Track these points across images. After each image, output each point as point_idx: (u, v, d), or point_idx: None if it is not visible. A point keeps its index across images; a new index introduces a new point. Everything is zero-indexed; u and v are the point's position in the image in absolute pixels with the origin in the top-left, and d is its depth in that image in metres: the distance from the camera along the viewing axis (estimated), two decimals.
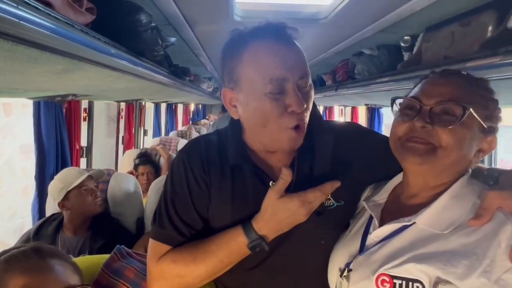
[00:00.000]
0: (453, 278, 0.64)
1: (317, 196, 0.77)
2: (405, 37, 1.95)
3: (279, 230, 0.79)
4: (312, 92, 0.82)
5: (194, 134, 4.75)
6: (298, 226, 0.80)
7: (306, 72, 0.78)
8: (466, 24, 1.42)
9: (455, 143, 0.70)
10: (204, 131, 5.52)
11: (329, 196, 0.82)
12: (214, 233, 0.82)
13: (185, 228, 0.84)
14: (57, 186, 1.71)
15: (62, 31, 0.81)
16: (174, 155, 3.19)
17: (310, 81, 0.80)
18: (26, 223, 4.27)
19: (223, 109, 7.60)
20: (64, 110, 2.04)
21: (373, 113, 3.37)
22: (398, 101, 0.79)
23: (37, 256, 0.81)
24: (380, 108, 3.26)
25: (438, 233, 0.69)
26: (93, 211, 1.74)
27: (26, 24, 0.67)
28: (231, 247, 0.79)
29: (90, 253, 1.66)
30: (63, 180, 1.72)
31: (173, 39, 1.55)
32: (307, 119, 0.80)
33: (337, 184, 0.79)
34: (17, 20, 0.63)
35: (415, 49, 1.87)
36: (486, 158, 2.07)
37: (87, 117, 2.58)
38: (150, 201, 1.95)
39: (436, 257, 0.66)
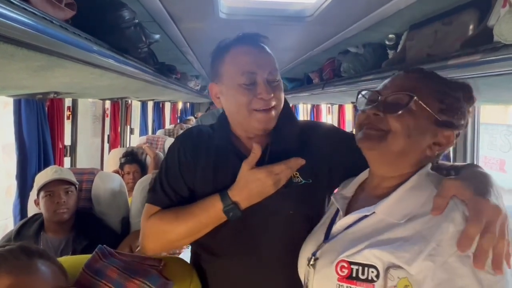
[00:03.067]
0: (402, 262, 0.67)
1: (282, 169, 0.92)
2: (390, 36, 1.97)
3: (250, 198, 0.92)
4: (281, 86, 0.99)
5: None
6: (270, 197, 0.93)
7: (274, 69, 0.97)
8: (448, 23, 1.43)
9: (402, 129, 0.75)
10: None
11: (297, 174, 0.98)
12: (199, 199, 0.98)
13: (173, 193, 1.01)
14: (34, 183, 1.69)
15: (40, 26, 0.79)
16: (161, 154, 3.16)
17: (278, 77, 0.98)
18: (9, 224, 4.18)
19: (208, 108, 7.59)
20: (46, 108, 1.99)
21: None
22: (364, 93, 0.87)
23: (25, 256, 0.79)
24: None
25: (395, 222, 0.73)
26: (55, 218, 1.66)
27: (0, 18, 0.65)
28: (209, 211, 0.93)
29: (73, 253, 1.63)
30: (37, 178, 1.70)
31: (157, 36, 1.53)
32: (276, 105, 0.97)
33: (301, 161, 0.93)
34: None
35: (399, 47, 1.89)
36: (468, 155, 2.11)
37: (70, 116, 2.54)
38: (135, 200, 1.93)
39: (389, 244, 0.70)
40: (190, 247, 1.28)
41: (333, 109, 4.76)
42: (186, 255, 1.62)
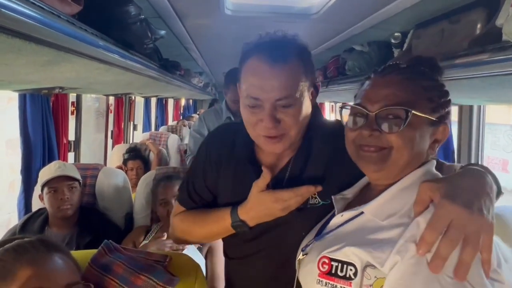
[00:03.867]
0: (377, 262, 0.67)
1: (291, 196, 0.88)
2: (396, 34, 1.95)
3: (258, 219, 0.93)
4: (296, 109, 0.88)
5: (185, 130, 4.72)
6: (283, 217, 0.91)
7: (286, 94, 0.86)
8: (455, 21, 1.42)
9: (405, 144, 0.72)
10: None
11: (315, 195, 0.92)
12: (219, 206, 1.02)
13: (197, 196, 1.07)
14: (38, 178, 1.69)
15: (47, 21, 0.79)
16: (164, 150, 3.16)
17: (290, 101, 0.87)
18: (12, 218, 4.20)
19: (211, 105, 7.60)
20: (51, 103, 1.99)
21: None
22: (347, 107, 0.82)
23: (44, 248, 0.80)
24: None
25: (381, 224, 0.72)
26: (59, 214, 1.66)
27: (8, 12, 0.65)
28: (220, 222, 0.97)
29: (77, 249, 1.63)
30: (41, 174, 1.70)
31: (162, 32, 1.53)
32: (284, 133, 0.89)
33: (313, 189, 0.88)
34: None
35: (405, 46, 1.88)
36: (473, 155, 2.10)
37: (75, 111, 2.54)
38: (139, 196, 1.93)
39: (370, 244, 0.69)
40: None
41: (336, 107, 4.75)
42: (190, 251, 1.63)
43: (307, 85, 0.90)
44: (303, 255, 0.83)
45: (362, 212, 0.76)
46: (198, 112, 8.57)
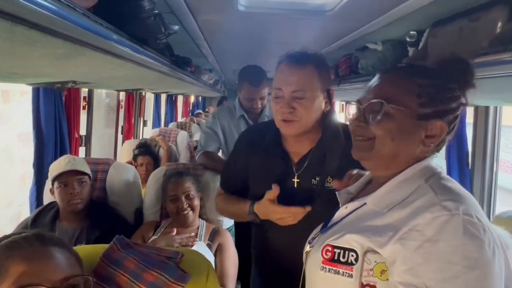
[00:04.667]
0: (376, 246, 0.72)
1: (284, 212, 1.12)
2: (411, 32, 1.92)
3: (264, 217, 1.19)
4: (308, 102, 1.14)
5: (194, 126, 4.72)
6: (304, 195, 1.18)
7: (300, 88, 1.13)
8: (474, 19, 1.39)
9: (385, 134, 0.77)
10: (204, 124, 5.48)
11: (330, 179, 1.15)
12: (251, 190, 1.31)
13: (231, 181, 1.39)
14: (49, 173, 1.70)
15: (64, 13, 0.79)
16: (174, 147, 3.17)
17: (306, 94, 1.13)
18: (23, 211, 4.26)
19: (220, 102, 7.61)
20: (63, 98, 2.00)
21: None
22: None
23: (39, 243, 0.79)
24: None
25: (380, 211, 0.76)
26: (69, 209, 1.66)
27: (26, 2, 0.65)
28: (242, 210, 1.26)
29: (87, 243, 1.64)
30: (51, 168, 1.70)
31: (176, 27, 1.52)
32: (297, 120, 1.14)
33: (302, 210, 1.09)
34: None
35: (420, 45, 1.85)
36: (488, 158, 2.05)
37: (86, 106, 2.55)
38: (149, 191, 1.93)
39: (370, 230, 0.74)
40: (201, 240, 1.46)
41: (347, 107, 4.71)
42: (199, 247, 1.62)
43: (319, 87, 1.16)
44: (310, 247, 0.87)
45: (365, 204, 0.81)
46: (207, 109, 8.59)
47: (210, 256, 1.61)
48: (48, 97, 1.86)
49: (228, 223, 1.94)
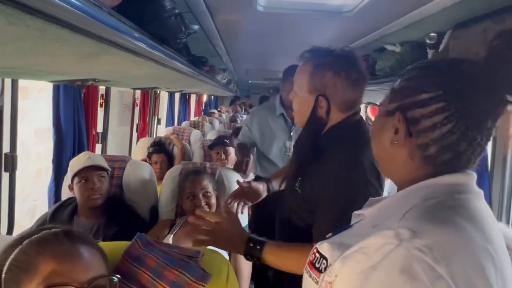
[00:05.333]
0: (331, 260, 0.67)
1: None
2: (431, 34, 1.89)
3: None
4: (297, 102, 1.21)
5: (207, 125, 4.74)
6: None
7: (296, 85, 1.20)
8: (499, 21, 1.36)
9: (371, 132, 0.78)
10: (216, 123, 5.50)
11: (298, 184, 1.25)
12: None
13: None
14: (68, 169, 1.72)
15: (93, 12, 0.79)
16: (187, 145, 3.18)
17: (297, 93, 1.19)
18: (38, 205, 4.34)
19: (232, 102, 7.63)
20: (82, 95, 2.03)
21: None
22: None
23: (67, 241, 0.78)
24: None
25: (370, 227, 0.68)
26: (89, 204, 1.67)
27: (59, 1, 0.65)
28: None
29: (104, 239, 1.66)
30: (71, 164, 1.73)
31: (195, 27, 1.53)
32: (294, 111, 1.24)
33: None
34: None
35: (441, 47, 1.82)
36: (508, 169, 1.99)
37: (103, 103, 2.58)
38: (164, 189, 1.94)
39: (339, 243, 0.69)
40: None
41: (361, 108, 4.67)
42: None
43: (307, 88, 1.15)
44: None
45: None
46: (219, 109, 8.62)
47: (224, 255, 1.61)
48: (68, 94, 1.89)
49: (242, 222, 1.94)
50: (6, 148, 1.70)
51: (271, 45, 3.01)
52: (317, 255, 0.72)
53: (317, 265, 0.71)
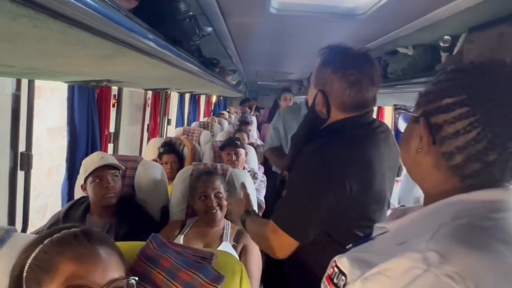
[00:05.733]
0: (351, 279, 0.64)
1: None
2: (445, 37, 1.87)
3: None
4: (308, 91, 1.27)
5: (216, 126, 4.76)
6: None
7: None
8: None
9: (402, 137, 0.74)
10: (225, 124, 5.51)
11: None
12: None
13: None
14: (81, 169, 1.74)
15: (112, 15, 0.81)
16: (198, 146, 3.20)
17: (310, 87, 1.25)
18: (49, 203, 4.39)
19: (242, 103, 7.64)
20: (96, 95, 2.06)
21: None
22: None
23: (87, 241, 0.79)
24: (410, 108, 3.18)
25: (393, 243, 0.64)
26: (103, 203, 1.69)
27: (81, 5, 0.66)
28: None
29: (116, 238, 1.67)
30: (85, 164, 1.74)
31: (209, 29, 1.53)
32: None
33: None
34: (73, 0, 0.63)
35: (455, 50, 1.80)
36: None
37: (116, 104, 2.60)
38: (176, 190, 1.96)
39: (360, 260, 0.66)
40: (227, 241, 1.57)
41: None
42: (225, 247, 1.63)
43: (314, 82, 1.20)
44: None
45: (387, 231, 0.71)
46: (228, 109, 8.64)
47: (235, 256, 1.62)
48: (82, 94, 1.91)
49: None
50: (21, 147, 1.73)
51: (282, 47, 3.01)
52: (336, 269, 0.69)
53: (335, 281, 0.68)
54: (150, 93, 3.51)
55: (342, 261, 0.68)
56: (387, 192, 1.21)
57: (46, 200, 4.08)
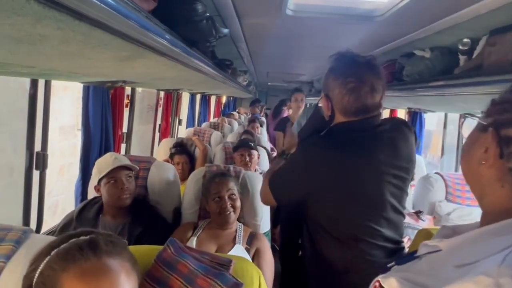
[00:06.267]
0: None
1: None
2: (465, 40, 1.83)
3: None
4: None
5: (227, 127, 4.75)
6: None
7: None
8: None
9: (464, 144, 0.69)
10: (235, 125, 5.50)
11: None
12: None
13: None
14: (94, 170, 1.73)
15: (134, 16, 0.80)
16: (209, 147, 3.19)
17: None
18: (60, 200, 4.44)
19: (252, 104, 7.63)
20: (110, 96, 2.06)
21: (415, 117, 3.24)
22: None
23: (94, 255, 0.75)
24: (424, 112, 3.13)
25: (449, 265, 0.58)
26: (118, 204, 1.69)
27: (103, 5, 0.65)
28: None
29: (129, 239, 1.66)
30: (98, 166, 1.73)
31: (226, 31, 1.52)
32: None
33: None
34: (97, 2, 0.62)
35: (475, 53, 1.76)
36: None
37: (129, 104, 2.61)
38: (188, 191, 1.94)
39: (412, 283, 0.61)
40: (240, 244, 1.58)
41: (383, 113, 4.59)
42: (238, 251, 1.62)
43: (322, 86, 1.34)
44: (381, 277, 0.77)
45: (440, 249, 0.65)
46: (237, 110, 8.63)
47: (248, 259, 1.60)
48: (97, 94, 1.91)
49: (264, 227, 1.93)
50: (37, 147, 1.73)
51: (295, 48, 2.99)
52: None
53: None
54: (162, 93, 3.52)
55: (389, 282, 0.64)
56: (385, 195, 1.23)
57: (57, 197, 4.12)
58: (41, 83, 1.61)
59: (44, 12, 0.54)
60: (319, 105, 1.35)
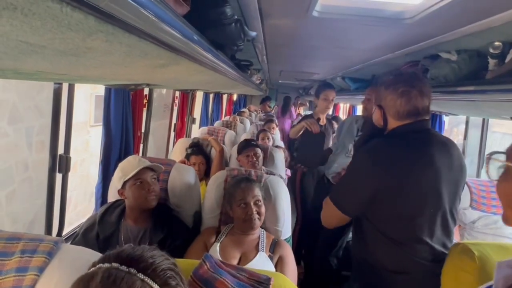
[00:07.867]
0: None
1: None
2: (496, 43, 1.77)
3: None
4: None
5: (239, 126, 4.71)
6: None
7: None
8: None
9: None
10: (247, 123, 5.47)
11: None
12: None
13: None
14: (117, 173, 1.70)
15: (176, 23, 0.77)
16: (226, 148, 3.15)
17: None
18: (73, 196, 4.46)
19: (263, 101, 7.59)
20: (130, 97, 2.03)
21: (435, 119, 3.17)
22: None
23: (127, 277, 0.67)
24: (446, 115, 3.06)
25: None
26: (145, 205, 1.67)
27: (152, 17, 0.62)
28: None
29: (150, 244, 1.63)
30: (123, 169, 1.70)
31: (253, 34, 1.48)
32: None
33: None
34: (148, 15, 0.58)
35: (508, 57, 1.70)
36: None
37: (146, 104, 2.58)
38: (209, 196, 1.91)
39: None
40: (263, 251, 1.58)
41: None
42: (261, 258, 1.59)
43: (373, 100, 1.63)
44: None
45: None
46: (248, 107, 8.60)
47: (271, 268, 1.57)
48: (118, 96, 1.89)
49: (286, 233, 1.90)
50: (60, 149, 1.72)
51: (314, 48, 2.94)
52: None
53: None
54: (177, 92, 3.49)
55: None
56: (443, 195, 1.32)
57: (69, 194, 4.13)
58: (65, 86, 1.59)
59: (98, 27, 0.51)
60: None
